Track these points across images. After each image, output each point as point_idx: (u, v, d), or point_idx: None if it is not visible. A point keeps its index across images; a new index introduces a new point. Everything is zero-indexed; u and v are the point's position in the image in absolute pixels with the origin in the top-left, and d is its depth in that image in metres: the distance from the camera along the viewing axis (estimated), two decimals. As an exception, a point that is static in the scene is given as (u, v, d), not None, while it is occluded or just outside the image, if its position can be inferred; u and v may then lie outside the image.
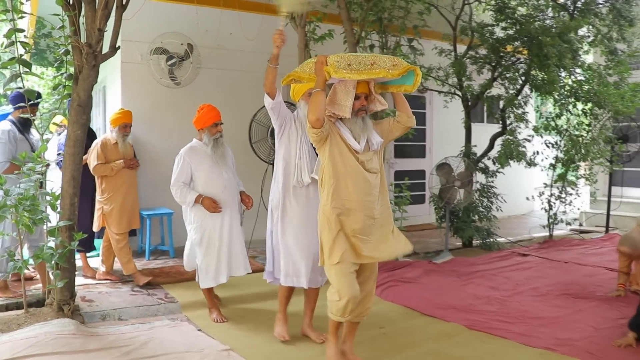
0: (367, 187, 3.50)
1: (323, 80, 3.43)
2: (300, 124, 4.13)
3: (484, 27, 6.98)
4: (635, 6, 7.57)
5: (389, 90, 3.72)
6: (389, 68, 3.40)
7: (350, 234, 3.47)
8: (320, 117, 3.37)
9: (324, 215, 3.53)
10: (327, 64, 3.43)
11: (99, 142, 5.63)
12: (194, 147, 4.71)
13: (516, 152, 6.89)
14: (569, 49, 6.42)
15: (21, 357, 3.58)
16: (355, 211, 3.47)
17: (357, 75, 3.38)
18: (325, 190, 3.54)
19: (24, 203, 3.84)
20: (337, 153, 3.50)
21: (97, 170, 5.57)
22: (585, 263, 6.71)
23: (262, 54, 7.85)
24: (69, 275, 4.45)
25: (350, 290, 3.42)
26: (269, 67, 3.86)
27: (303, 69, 3.66)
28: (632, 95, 7.52)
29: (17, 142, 5.07)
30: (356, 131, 3.53)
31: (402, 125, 3.68)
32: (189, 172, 4.62)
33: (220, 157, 4.65)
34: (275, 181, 4.22)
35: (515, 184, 10.09)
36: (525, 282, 5.80)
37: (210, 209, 4.52)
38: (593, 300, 5.14)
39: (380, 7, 5.65)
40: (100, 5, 4.28)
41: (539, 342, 4.06)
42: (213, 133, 4.63)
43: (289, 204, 4.11)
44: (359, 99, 3.52)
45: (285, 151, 4.14)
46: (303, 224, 4.07)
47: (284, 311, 4.30)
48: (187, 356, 3.81)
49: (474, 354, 3.89)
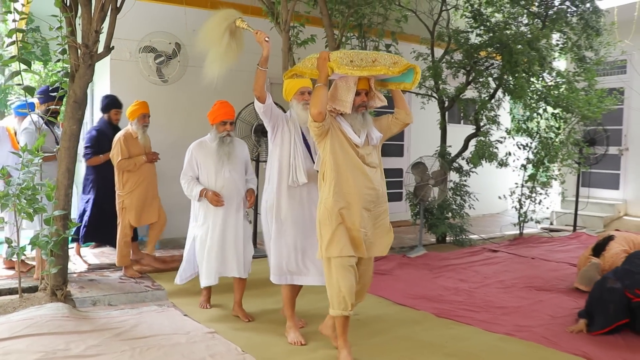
0: (367, 181, 3.60)
1: (325, 76, 3.52)
2: (293, 124, 4.19)
3: (459, 34, 7.33)
4: (602, 17, 7.96)
5: (388, 87, 3.81)
6: (389, 65, 3.51)
7: (350, 227, 3.56)
8: (322, 111, 3.48)
9: (325, 208, 3.60)
10: (330, 59, 3.53)
11: (120, 136, 5.69)
12: (203, 142, 4.73)
13: (488, 153, 7.25)
14: (538, 56, 6.80)
15: (19, 337, 3.84)
16: (355, 204, 3.56)
17: (358, 71, 3.49)
18: (327, 183, 3.62)
19: (25, 192, 4.10)
20: (338, 147, 3.59)
21: (121, 166, 5.65)
22: (551, 259, 7.09)
23: (247, 53, 8.09)
24: (63, 262, 4.70)
25: (348, 282, 3.53)
26: (259, 70, 3.96)
27: (305, 64, 3.74)
28: (598, 101, 7.94)
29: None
30: (356, 126, 3.62)
31: (400, 122, 3.80)
32: (196, 167, 4.67)
33: (225, 155, 4.60)
34: (269, 182, 4.25)
35: (490, 184, 10.45)
36: (493, 276, 6.17)
37: (213, 202, 4.53)
38: (554, 292, 5.51)
39: (360, 13, 5.97)
40: (97, 8, 4.54)
41: (500, 329, 4.41)
42: (220, 131, 4.61)
43: (284, 204, 4.14)
44: (360, 95, 3.62)
45: (280, 152, 4.17)
46: (296, 223, 4.13)
47: (292, 317, 4.22)
48: (174, 338, 4.09)
49: (439, 338, 4.20)
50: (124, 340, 3.98)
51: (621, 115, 10.22)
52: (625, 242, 5.55)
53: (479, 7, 7.81)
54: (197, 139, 4.83)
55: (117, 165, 5.66)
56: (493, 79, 7.78)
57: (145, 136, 5.80)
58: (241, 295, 4.70)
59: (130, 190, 5.70)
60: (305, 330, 4.25)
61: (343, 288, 3.54)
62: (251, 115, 6.76)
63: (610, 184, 10.48)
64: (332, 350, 3.86)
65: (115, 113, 6.25)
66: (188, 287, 5.31)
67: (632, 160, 10.16)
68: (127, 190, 5.69)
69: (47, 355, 3.58)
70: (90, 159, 6.12)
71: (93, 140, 6.10)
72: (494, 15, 8.34)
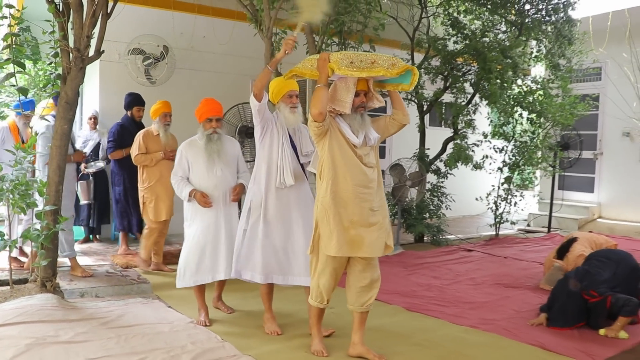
0: (365, 180, 3.65)
1: (326, 77, 3.57)
2: (281, 126, 4.25)
3: (437, 41, 7.63)
4: (575, 26, 8.30)
5: (386, 88, 3.86)
6: (388, 67, 3.56)
7: (349, 226, 3.62)
8: (322, 111, 3.54)
9: (322, 206, 3.66)
10: (330, 61, 3.57)
11: (141, 133, 5.95)
12: (192, 141, 4.69)
13: (464, 156, 7.54)
14: (511, 64, 7.11)
15: (11, 324, 4.05)
16: (353, 203, 3.61)
17: (358, 72, 3.54)
18: (325, 182, 3.67)
19: (19, 188, 4.33)
20: (337, 147, 3.64)
21: (137, 160, 5.88)
22: (523, 258, 7.40)
23: (232, 57, 8.44)
24: (52, 254, 4.91)
25: (329, 282, 3.72)
26: (267, 70, 4.03)
27: (305, 65, 3.79)
28: (571, 107, 8.28)
29: None
30: (355, 126, 3.67)
31: (397, 123, 3.83)
32: (186, 166, 4.63)
33: (214, 153, 4.56)
34: (255, 182, 4.30)
35: (471, 186, 10.71)
36: (465, 273, 6.46)
37: (201, 203, 4.49)
38: (521, 289, 5.81)
39: (341, 21, 6.25)
40: (88, 14, 4.78)
41: (466, 322, 4.69)
42: (206, 128, 4.58)
43: (271, 205, 4.21)
44: (359, 96, 3.68)
45: (268, 153, 4.23)
46: (281, 223, 4.22)
47: (270, 309, 4.40)
48: (158, 327, 4.32)
49: (407, 330, 4.46)
50: (110, 328, 4.22)
51: (596, 120, 10.59)
52: (587, 243, 5.85)
53: (457, 16, 8.11)
54: (184, 138, 4.91)
55: (133, 160, 5.91)
56: (470, 84, 8.07)
57: (167, 134, 5.95)
58: (222, 290, 4.90)
59: (149, 185, 5.92)
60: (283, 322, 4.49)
61: (322, 285, 3.75)
62: (235, 117, 7.00)
63: (585, 187, 10.85)
64: (306, 339, 4.11)
65: (138, 110, 6.58)
66: (172, 281, 5.53)
67: (607, 164, 10.54)
68: (146, 185, 5.93)
69: (38, 340, 3.80)
70: (112, 153, 6.45)
71: (115, 134, 6.43)
72: (473, 22, 8.66)
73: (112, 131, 6.50)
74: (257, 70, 4.87)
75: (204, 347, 3.92)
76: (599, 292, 4.44)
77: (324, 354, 3.85)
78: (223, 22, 8.28)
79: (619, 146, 10.29)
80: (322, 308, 3.88)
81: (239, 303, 5.05)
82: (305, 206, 4.30)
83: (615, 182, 10.41)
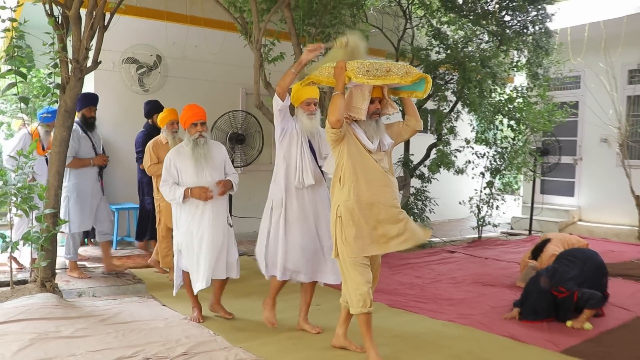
0: (386, 181, 3.78)
1: (342, 84, 3.65)
2: (300, 128, 4.37)
3: (420, 51, 7.95)
4: (552, 38, 8.65)
5: (400, 96, 3.95)
6: (402, 75, 3.63)
7: (375, 224, 3.73)
8: (340, 118, 3.63)
9: (346, 209, 3.73)
10: (347, 69, 3.64)
11: (150, 143, 5.98)
12: (179, 148, 4.74)
13: (446, 161, 7.85)
14: (490, 73, 7.44)
15: (14, 321, 4.30)
16: (377, 204, 3.73)
17: (374, 80, 3.61)
18: (346, 187, 3.75)
19: (22, 192, 4.59)
20: (356, 152, 3.74)
21: (151, 171, 5.93)
22: (502, 259, 7.72)
23: (223, 66, 8.73)
24: (52, 256, 5.17)
25: (365, 280, 3.72)
26: (291, 71, 4.08)
27: (322, 72, 3.85)
28: (549, 114, 8.62)
29: (80, 140, 5.86)
30: (370, 132, 3.77)
31: (410, 129, 3.95)
32: (175, 173, 4.65)
33: (202, 157, 4.60)
34: (275, 182, 4.41)
35: (457, 190, 10.93)
36: (446, 273, 6.76)
37: (202, 197, 4.51)
38: (498, 287, 6.11)
39: (327, 32, 6.55)
40: (87, 27, 5.05)
41: (443, 316, 4.98)
42: (192, 133, 4.61)
43: (290, 204, 4.34)
44: (374, 103, 3.76)
45: (287, 153, 4.35)
46: (303, 223, 4.34)
47: (274, 297, 4.53)
48: (153, 323, 4.59)
49: (388, 324, 4.72)
50: (108, 324, 4.48)
51: (576, 127, 10.96)
52: (560, 243, 6.17)
53: (439, 27, 8.43)
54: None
55: (147, 170, 6.00)
56: (452, 92, 8.39)
57: (175, 141, 5.85)
58: (221, 294, 4.91)
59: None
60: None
61: (361, 286, 3.71)
62: (226, 124, 7.28)
63: (565, 191, 11.21)
64: (294, 332, 4.40)
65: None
66: (166, 282, 5.84)
67: (586, 169, 10.90)
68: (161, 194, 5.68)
69: (40, 336, 4.06)
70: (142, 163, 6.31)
71: (142, 144, 6.40)
72: (457, 32, 8.99)
73: (139, 141, 6.55)
74: (247, 79, 5.15)
75: (197, 340, 4.18)
76: (566, 287, 4.74)
77: None
78: (214, 33, 8.57)
79: (597, 152, 10.66)
80: (368, 313, 3.76)
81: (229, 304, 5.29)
82: (324, 206, 4.42)
83: (594, 186, 10.77)
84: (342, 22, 6.77)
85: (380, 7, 9.00)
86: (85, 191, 5.93)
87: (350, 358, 4.00)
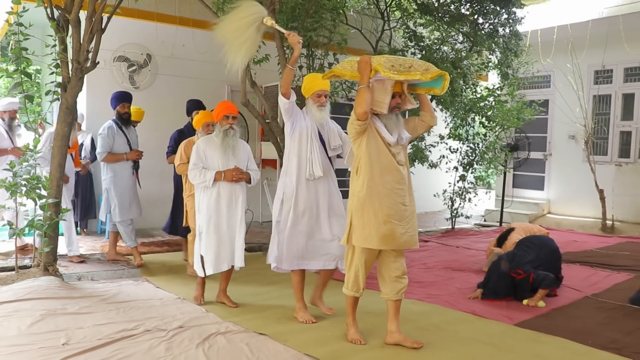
0: (399, 177, 3.88)
1: (367, 78, 3.76)
2: (310, 120, 4.52)
3: (396, 52, 8.43)
4: (520, 40, 9.19)
5: (417, 92, 4.06)
6: (422, 72, 3.72)
7: (384, 219, 3.81)
8: (367, 110, 3.75)
9: (358, 200, 3.87)
10: (373, 63, 3.75)
11: (183, 143, 6.01)
12: (209, 138, 4.98)
13: (420, 156, 8.37)
14: (461, 74, 7.96)
15: (23, 300, 4.72)
16: (388, 198, 3.82)
17: (398, 75, 3.68)
18: (361, 177, 3.88)
19: (31, 182, 5.02)
20: (374, 145, 3.86)
21: (179, 170, 5.95)
22: (472, 247, 8.26)
23: (210, 64, 9.16)
24: (54, 242, 5.59)
25: (365, 271, 3.97)
26: (289, 69, 4.29)
27: (344, 66, 3.99)
28: (518, 112, 9.18)
29: (114, 136, 6.30)
30: (390, 126, 3.87)
31: (425, 124, 4.07)
32: (203, 159, 4.87)
33: (230, 148, 4.83)
34: (287, 175, 4.56)
35: (432, 184, 11.40)
36: (419, 260, 7.27)
37: (235, 178, 4.79)
38: (465, 272, 6.63)
39: (309, 36, 7.00)
40: (86, 30, 5.47)
41: (413, 296, 5.47)
42: (223, 125, 4.85)
43: (301, 195, 4.50)
44: (394, 98, 3.87)
45: (297, 146, 4.49)
46: (313, 213, 4.53)
47: (301, 299, 4.66)
48: (150, 302, 5.04)
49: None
50: (109, 303, 4.93)
51: (546, 124, 11.54)
52: (523, 232, 6.70)
53: (414, 29, 8.93)
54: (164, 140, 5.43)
55: (176, 169, 6.08)
56: (427, 91, 8.88)
57: None
58: (227, 283, 5.11)
59: (191, 192, 5.76)
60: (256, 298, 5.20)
61: (359, 274, 3.97)
62: (214, 120, 7.68)
63: (536, 185, 11.80)
64: (277, 310, 4.87)
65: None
66: (159, 267, 6.30)
67: (555, 164, 11.50)
68: (188, 193, 5.92)
69: (49, 312, 4.49)
70: (168, 157, 6.62)
71: (173, 140, 6.61)
72: (433, 32, 9.47)
73: (172, 137, 6.69)
74: (232, 77, 5.54)
75: (191, 316, 4.65)
76: (524, 270, 5.28)
77: (361, 342, 4.07)
78: (202, 33, 8.97)
79: (566, 148, 11.26)
80: (357, 297, 4.09)
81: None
82: (332, 196, 4.62)
83: (562, 180, 11.36)
84: (323, 26, 7.22)
85: (359, 8, 9.47)
86: (121, 184, 6.42)
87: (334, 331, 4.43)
